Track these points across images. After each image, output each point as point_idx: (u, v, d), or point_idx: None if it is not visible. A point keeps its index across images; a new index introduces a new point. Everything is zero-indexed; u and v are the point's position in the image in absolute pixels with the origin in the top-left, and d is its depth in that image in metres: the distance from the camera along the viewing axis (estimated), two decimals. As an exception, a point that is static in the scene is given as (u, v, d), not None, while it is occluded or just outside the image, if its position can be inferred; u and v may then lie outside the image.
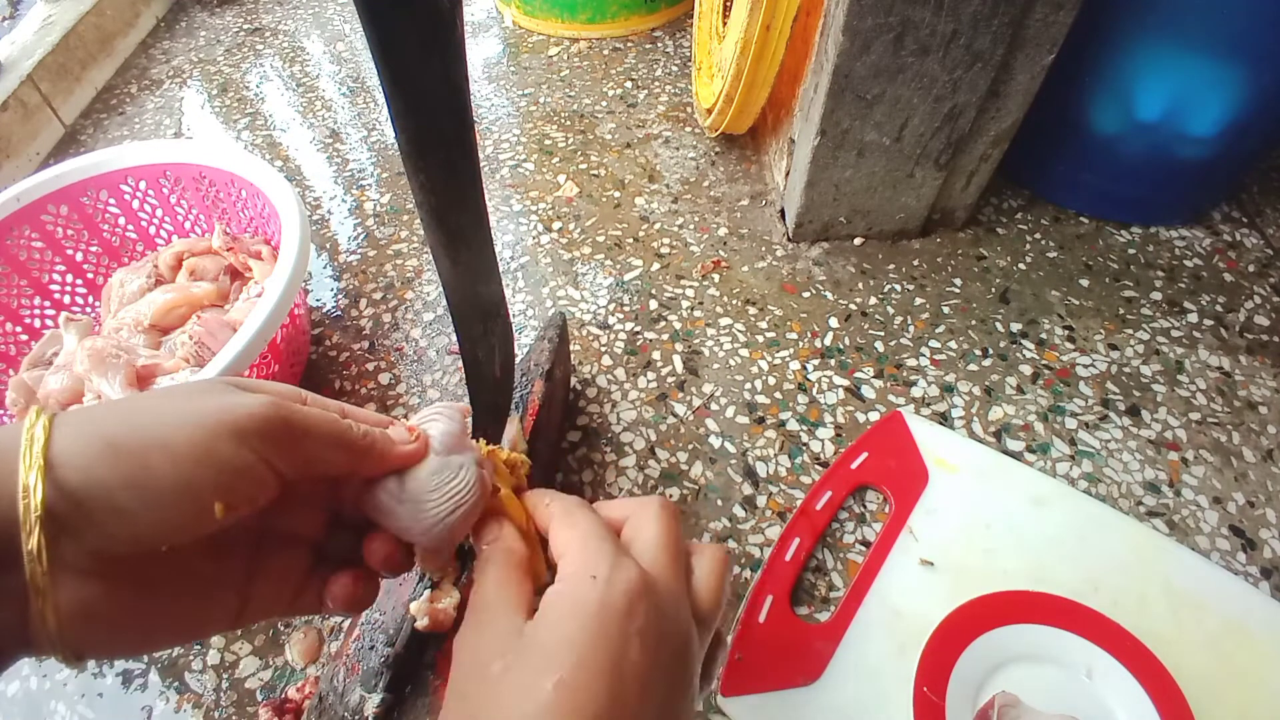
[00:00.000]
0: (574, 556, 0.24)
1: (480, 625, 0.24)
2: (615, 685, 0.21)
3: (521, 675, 0.21)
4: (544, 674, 0.20)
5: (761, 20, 0.66)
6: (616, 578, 0.23)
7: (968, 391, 0.66)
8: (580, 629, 0.21)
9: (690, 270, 0.78)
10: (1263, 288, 0.75)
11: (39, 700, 0.52)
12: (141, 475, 0.19)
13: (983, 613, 0.49)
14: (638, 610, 0.22)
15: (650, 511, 0.26)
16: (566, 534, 0.25)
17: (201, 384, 0.23)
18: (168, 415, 0.20)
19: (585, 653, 0.21)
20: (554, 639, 0.21)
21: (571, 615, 0.22)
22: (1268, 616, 0.50)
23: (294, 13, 1.27)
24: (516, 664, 0.21)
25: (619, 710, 0.21)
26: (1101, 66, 0.70)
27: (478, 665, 0.22)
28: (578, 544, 0.24)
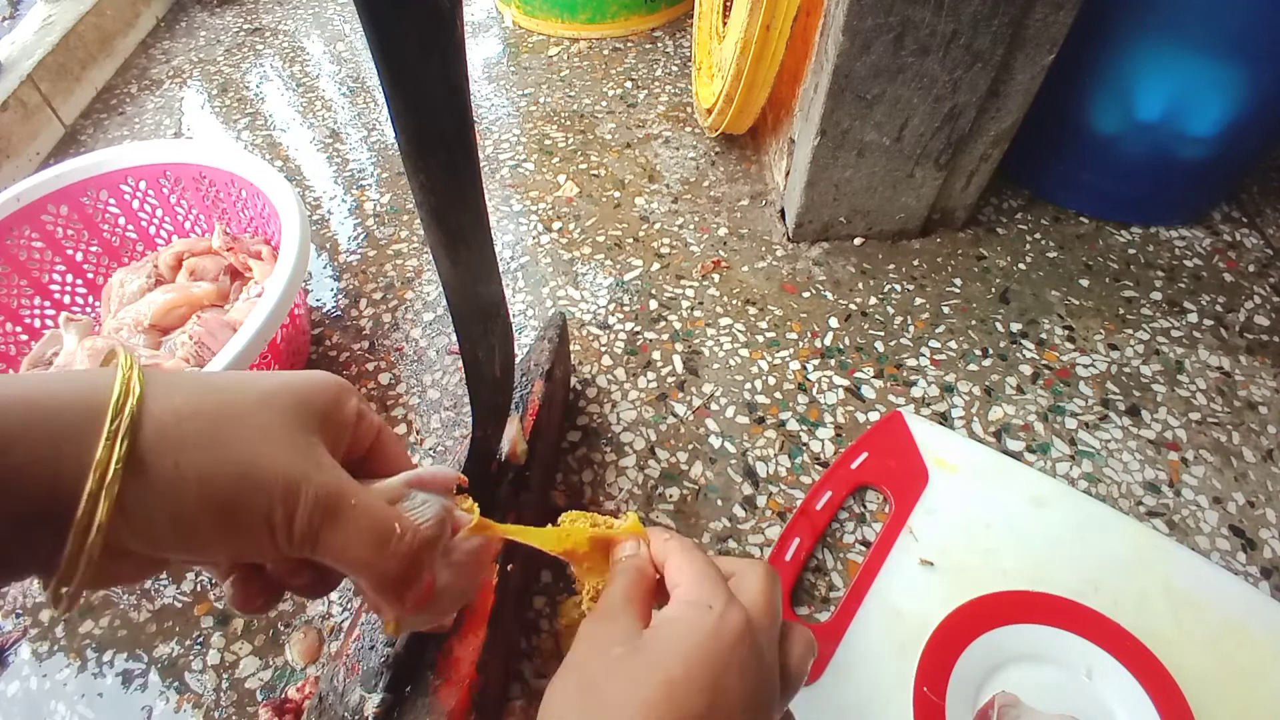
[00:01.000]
0: (691, 587, 0.27)
1: (607, 618, 0.27)
2: (712, 700, 0.24)
3: (636, 664, 0.24)
4: (655, 670, 0.24)
5: (761, 20, 0.66)
6: (728, 613, 0.26)
7: (968, 391, 0.66)
8: (693, 645, 0.24)
9: (690, 270, 0.78)
10: (1263, 288, 0.75)
11: (39, 700, 0.52)
12: (179, 518, 0.20)
13: (983, 613, 0.49)
14: (741, 645, 0.25)
15: (759, 570, 0.29)
16: (686, 568, 0.28)
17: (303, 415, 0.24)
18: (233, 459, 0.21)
19: (693, 665, 0.24)
20: (669, 647, 0.25)
21: (686, 633, 0.25)
22: (1268, 616, 0.50)
23: (294, 13, 1.27)
24: (633, 655, 0.25)
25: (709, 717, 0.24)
26: (1101, 66, 0.70)
27: (599, 646, 0.26)
28: (695, 578, 0.27)
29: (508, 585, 0.50)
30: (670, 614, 0.26)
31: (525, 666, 0.51)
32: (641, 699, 0.23)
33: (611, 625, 0.27)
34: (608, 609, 0.28)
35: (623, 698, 0.23)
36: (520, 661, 0.52)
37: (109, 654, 0.54)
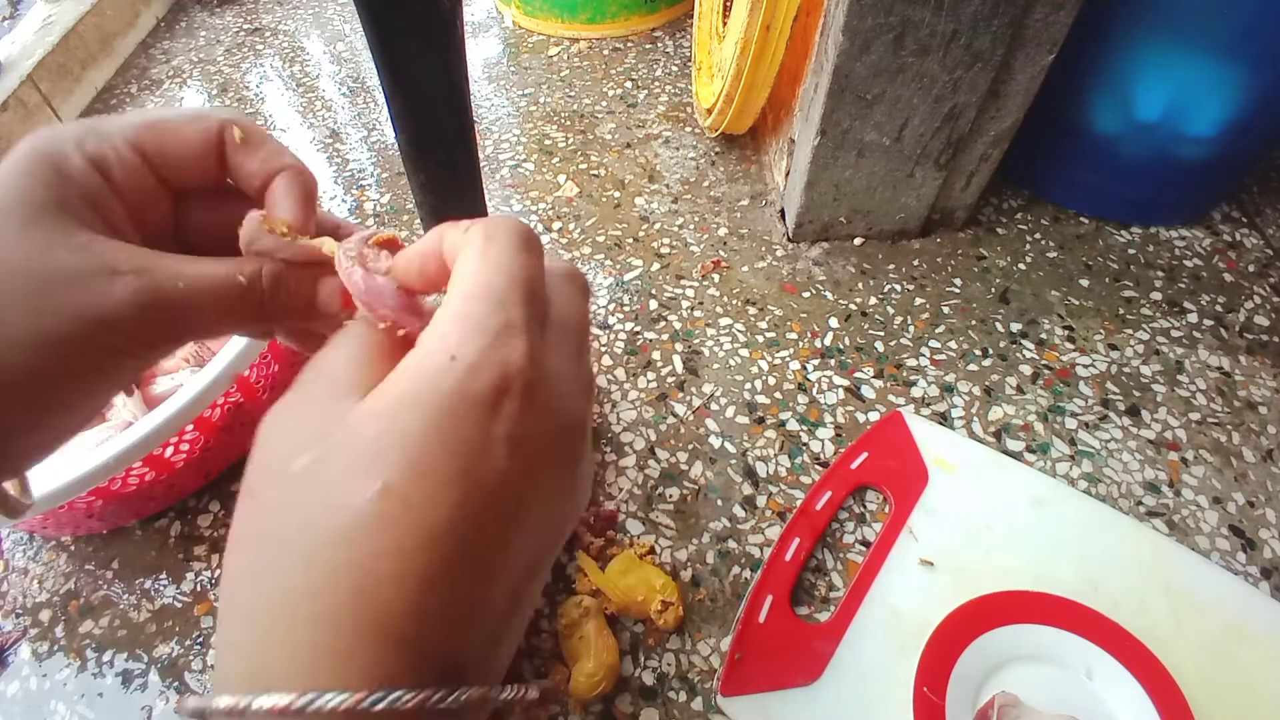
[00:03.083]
0: (444, 320, 0.16)
1: (295, 402, 0.17)
2: (467, 502, 0.15)
3: (330, 475, 0.15)
4: (362, 477, 0.14)
5: (761, 20, 0.66)
6: (485, 361, 0.15)
7: (968, 391, 0.66)
8: (422, 422, 0.15)
9: (690, 270, 0.78)
10: (1263, 288, 0.75)
11: (39, 700, 0.52)
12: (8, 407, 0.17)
13: (983, 613, 0.49)
14: (506, 409, 0.15)
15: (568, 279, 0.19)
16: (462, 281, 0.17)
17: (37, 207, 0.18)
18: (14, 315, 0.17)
19: (424, 456, 0.15)
20: (382, 431, 0.15)
21: (412, 402, 0.15)
22: (1268, 617, 0.50)
23: (294, 13, 1.27)
24: (326, 460, 0.15)
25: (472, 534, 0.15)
26: (1101, 66, 0.70)
27: (277, 456, 0.16)
28: (459, 306, 0.16)
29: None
30: (396, 372, 0.16)
31: (525, 666, 0.51)
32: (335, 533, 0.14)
33: (299, 413, 0.17)
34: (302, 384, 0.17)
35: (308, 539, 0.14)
36: (520, 661, 0.52)
37: (109, 654, 0.54)
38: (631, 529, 0.58)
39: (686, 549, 0.57)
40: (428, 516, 0.14)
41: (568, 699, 0.49)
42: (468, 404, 0.15)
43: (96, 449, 0.48)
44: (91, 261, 0.18)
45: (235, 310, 0.19)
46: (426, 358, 0.16)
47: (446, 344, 0.16)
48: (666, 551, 0.57)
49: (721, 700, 0.47)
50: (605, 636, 0.50)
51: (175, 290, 0.18)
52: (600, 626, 0.51)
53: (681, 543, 0.57)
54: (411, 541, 0.14)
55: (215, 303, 0.19)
